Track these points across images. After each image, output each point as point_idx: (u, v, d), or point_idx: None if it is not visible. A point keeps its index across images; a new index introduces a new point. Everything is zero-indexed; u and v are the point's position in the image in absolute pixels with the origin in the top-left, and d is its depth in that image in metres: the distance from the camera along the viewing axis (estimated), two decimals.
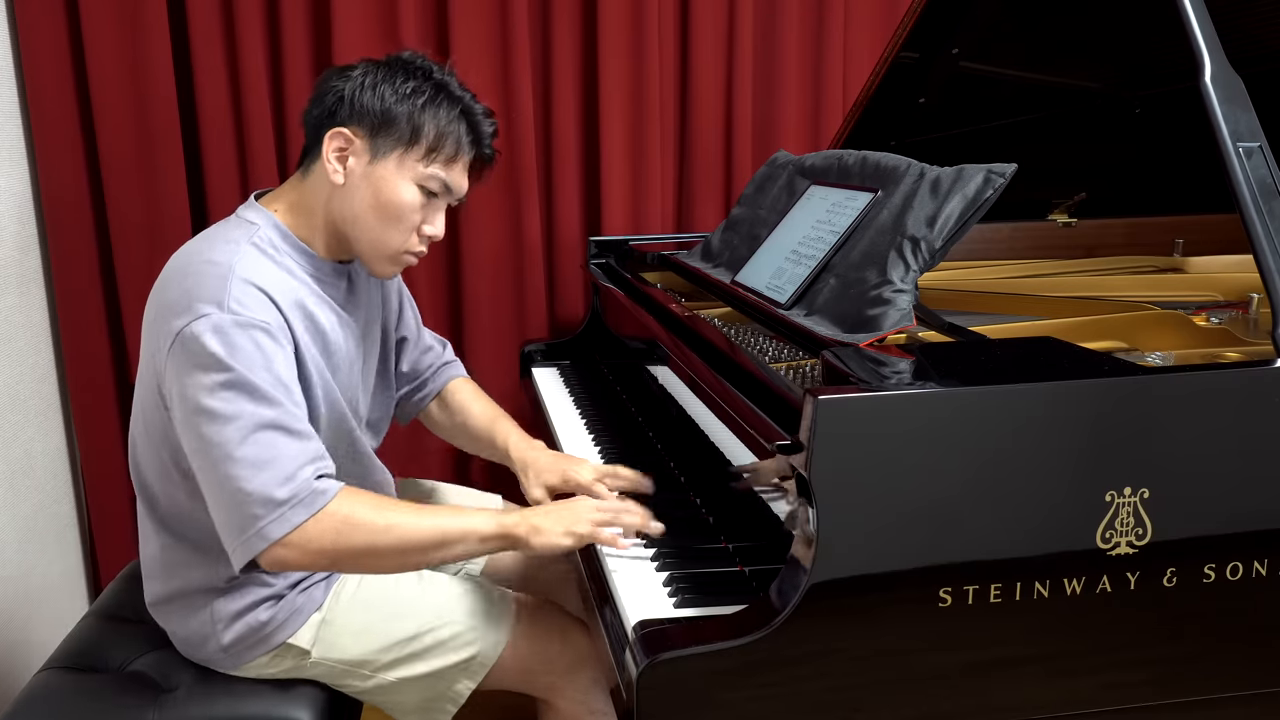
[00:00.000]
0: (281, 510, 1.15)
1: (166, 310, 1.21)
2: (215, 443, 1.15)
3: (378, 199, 1.29)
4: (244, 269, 1.22)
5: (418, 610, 1.39)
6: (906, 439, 1.00)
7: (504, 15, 2.19)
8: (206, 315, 1.16)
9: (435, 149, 1.29)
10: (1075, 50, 1.84)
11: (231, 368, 1.15)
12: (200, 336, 1.16)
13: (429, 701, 1.41)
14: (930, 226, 1.32)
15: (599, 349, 2.21)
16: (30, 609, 1.98)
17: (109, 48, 2.05)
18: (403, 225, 1.31)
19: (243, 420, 1.15)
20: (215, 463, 1.16)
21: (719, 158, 2.39)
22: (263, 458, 1.15)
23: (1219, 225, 1.96)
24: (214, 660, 1.37)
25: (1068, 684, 1.08)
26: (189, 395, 1.16)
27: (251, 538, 1.16)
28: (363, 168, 1.28)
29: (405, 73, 1.29)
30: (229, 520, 1.17)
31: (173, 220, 2.13)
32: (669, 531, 1.32)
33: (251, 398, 1.16)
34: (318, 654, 1.36)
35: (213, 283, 1.19)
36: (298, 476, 1.16)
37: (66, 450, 2.19)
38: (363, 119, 1.27)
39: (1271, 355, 1.14)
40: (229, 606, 1.32)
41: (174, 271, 1.27)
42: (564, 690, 1.44)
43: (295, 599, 1.35)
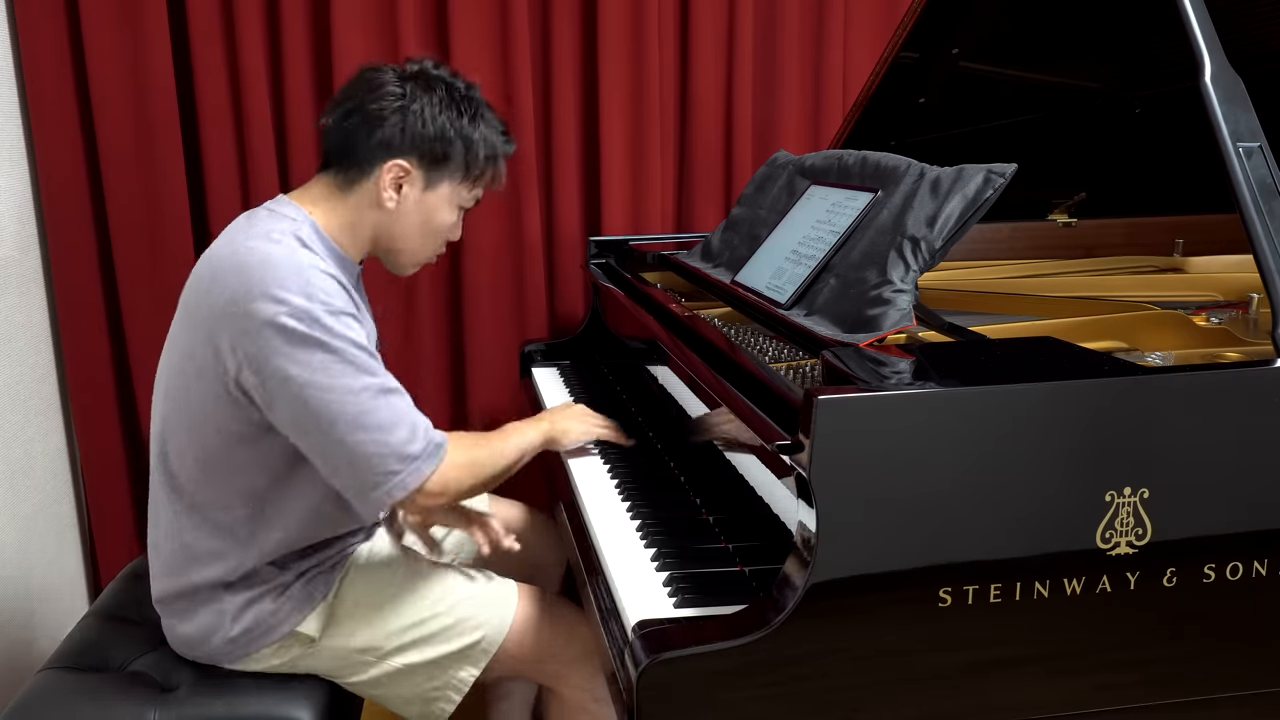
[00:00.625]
0: (416, 464, 1.28)
1: (240, 300, 1.24)
2: (343, 415, 1.24)
3: (427, 223, 1.43)
4: (309, 260, 1.29)
5: (422, 597, 1.44)
6: (906, 439, 1.00)
7: (504, 15, 2.19)
8: (298, 305, 1.23)
9: (479, 179, 1.45)
10: (1075, 50, 1.84)
11: (338, 348, 1.24)
12: (301, 325, 1.23)
13: (432, 690, 1.43)
14: (930, 226, 1.32)
15: (599, 349, 2.21)
16: (30, 609, 1.98)
17: (109, 48, 2.05)
18: (439, 239, 1.48)
19: (364, 392, 1.25)
20: (344, 433, 1.24)
21: (719, 158, 2.39)
22: (387, 421, 1.26)
23: (1219, 225, 1.96)
24: (218, 654, 1.38)
25: (1068, 684, 1.08)
26: (303, 377, 1.23)
27: (392, 489, 1.27)
28: (416, 194, 1.40)
29: (456, 107, 1.39)
30: (365, 479, 1.27)
31: (173, 220, 2.13)
32: (669, 531, 1.33)
33: (362, 370, 1.26)
34: (324, 642, 1.39)
35: (290, 273, 1.25)
36: (419, 431, 1.29)
37: (66, 450, 2.19)
38: (423, 153, 1.38)
39: (1271, 355, 1.14)
40: (239, 598, 1.36)
41: (226, 266, 1.29)
42: (569, 679, 1.47)
43: (303, 588, 1.39)
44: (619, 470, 1.56)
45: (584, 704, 1.47)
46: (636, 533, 1.33)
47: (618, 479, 1.53)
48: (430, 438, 1.31)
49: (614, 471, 1.56)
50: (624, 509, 1.42)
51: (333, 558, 1.44)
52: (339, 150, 1.39)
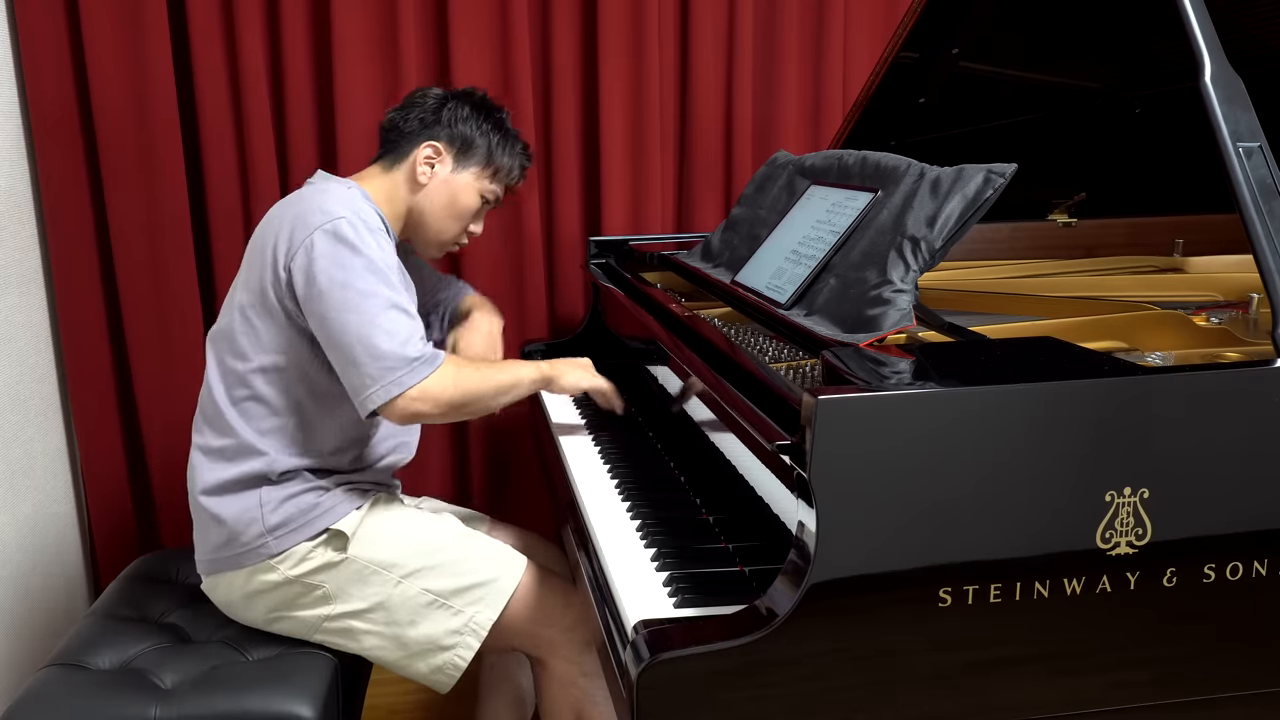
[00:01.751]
0: (414, 365, 1.43)
1: (297, 220, 1.47)
2: (359, 311, 1.42)
3: (452, 199, 1.66)
4: (360, 200, 1.52)
5: (448, 530, 1.58)
6: (906, 439, 1.00)
7: (504, 15, 2.19)
8: (344, 217, 1.45)
9: (498, 174, 1.69)
10: (1075, 50, 1.84)
11: (369, 257, 1.45)
12: (341, 229, 1.44)
13: (452, 636, 1.48)
14: (930, 226, 1.32)
15: (599, 349, 2.21)
16: (30, 609, 1.98)
17: (109, 48, 2.05)
18: (460, 223, 1.69)
19: (380, 298, 1.43)
20: (359, 327, 1.42)
21: (719, 158, 2.39)
22: (395, 328, 1.43)
23: (1219, 225, 1.96)
24: (255, 550, 1.47)
25: (1068, 684, 1.08)
26: (335, 275, 1.43)
27: (390, 384, 1.42)
28: (445, 174, 1.65)
29: (486, 113, 1.68)
30: (366, 372, 1.42)
31: (173, 220, 2.13)
32: (669, 531, 1.33)
33: (384, 282, 1.45)
34: (354, 549, 1.49)
35: (340, 203, 1.48)
36: (417, 343, 1.46)
37: (66, 450, 2.19)
38: (453, 140, 1.65)
39: (1271, 355, 1.14)
40: (278, 493, 1.49)
41: (290, 205, 1.52)
42: (560, 648, 1.54)
43: (340, 493, 1.53)
44: (619, 470, 1.56)
45: (573, 677, 1.53)
46: (636, 533, 1.33)
47: (618, 479, 1.53)
48: (428, 349, 1.46)
49: (614, 471, 1.56)
50: (624, 509, 1.42)
51: (366, 482, 1.58)
52: (390, 138, 1.66)
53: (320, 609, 1.48)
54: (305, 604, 1.48)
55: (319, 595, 1.48)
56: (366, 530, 1.51)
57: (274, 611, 1.50)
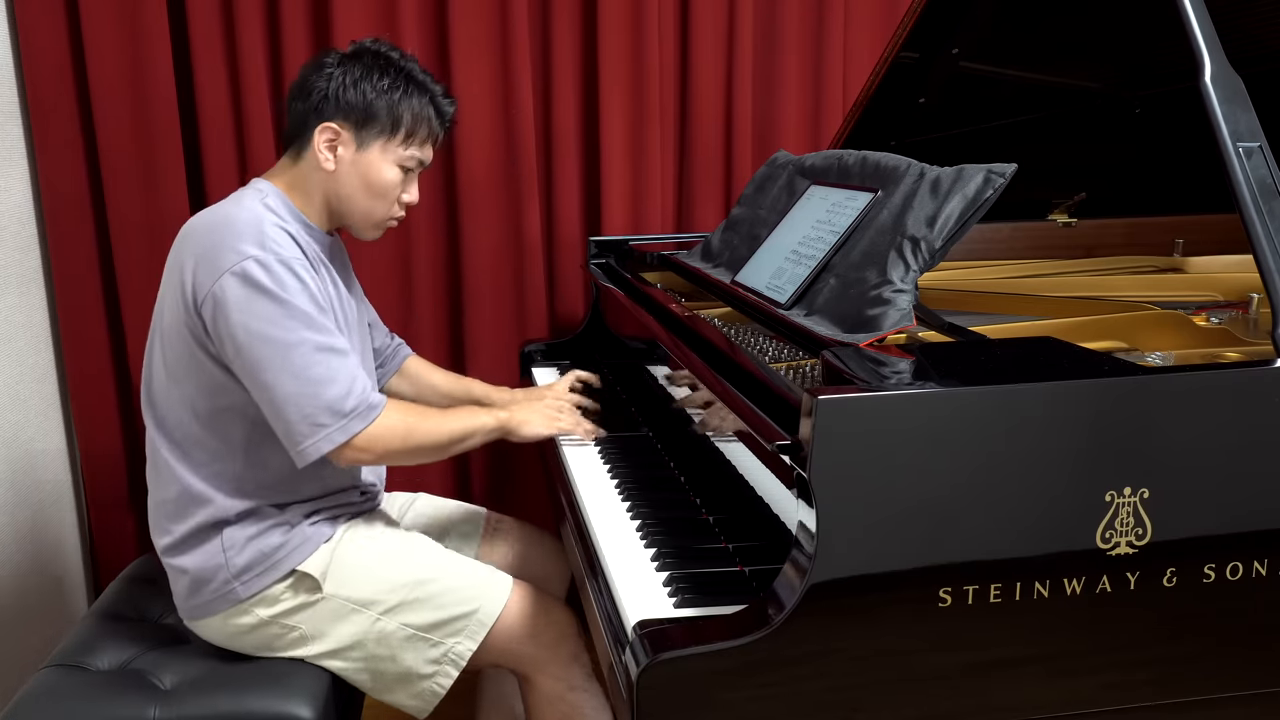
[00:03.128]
0: (346, 420, 1.35)
1: (206, 254, 1.35)
2: (282, 365, 1.32)
3: (366, 181, 1.48)
4: (270, 219, 1.39)
5: (425, 558, 1.50)
6: (906, 439, 1.00)
7: (504, 15, 2.19)
8: (253, 255, 1.33)
9: (412, 134, 1.49)
10: (1075, 50, 1.84)
11: (285, 300, 1.33)
12: (253, 273, 1.33)
13: (430, 664, 1.44)
14: (930, 226, 1.32)
15: (599, 349, 2.21)
16: (30, 609, 1.98)
17: (109, 48, 2.05)
18: (387, 199, 1.51)
19: (305, 345, 1.33)
20: (284, 383, 1.33)
21: (719, 158, 2.39)
22: (326, 376, 1.34)
23: (1219, 225, 1.96)
24: (224, 595, 1.41)
25: (1068, 684, 1.08)
26: (252, 326, 1.32)
27: (320, 441, 1.35)
28: (351, 155, 1.47)
29: (379, 68, 1.47)
30: (298, 429, 1.34)
31: (173, 220, 2.12)
32: (669, 531, 1.33)
33: (306, 325, 1.34)
34: (329, 588, 1.42)
35: (248, 229, 1.36)
36: (355, 390, 1.37)
37: (66, 450, 2.19)
38: (348, 114, 1.45)
39: (1271, 355, 1.14)
40: (240, 533, 1.42)
41: (200, 227, 1.41)
42: (546, 665, 1.49)
43: (306, 529, 1.45)
44: (619, 470, 1.56)
45: (560, 692, 1.49)
46: (636, 533, 1.33)
47: (618, 479, 1.53)
48: (365, 398, 1.37)
49: (614, 471, 1.56)
50: (624, 509, 1.42)
51: (333, 508, 1.50)
52: (290, 126, 1.50)
53: (298, 650, 1.44)
54: (282, 646, 1.44)
55: (295, 637, 1.44)
56: (339, 567, 1.44)
57: (256, 651, 1.46)
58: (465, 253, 2.28)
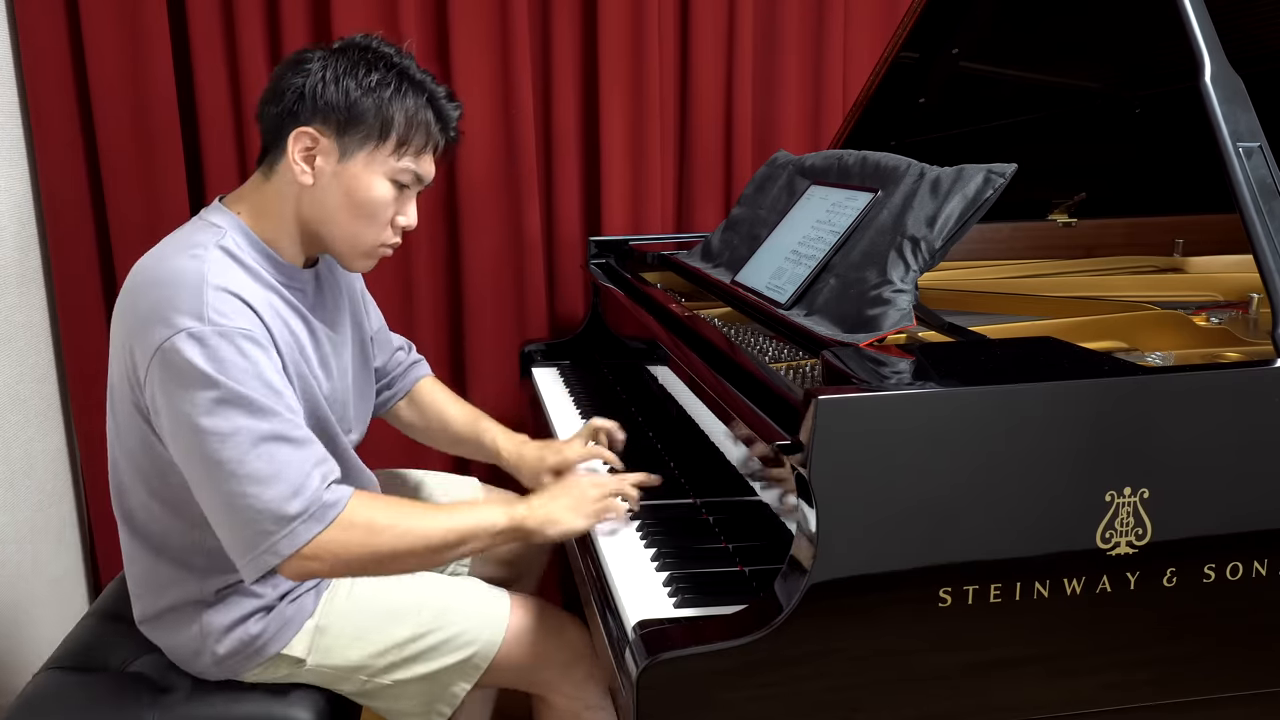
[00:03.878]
0: (293, 525, 1.13)
1: (141, 323, 1.17)
2: (216, 461, 1.12)
3: (350, 198, 1.25)
4: (216, 276, 1.17)
5: (412, 613, 1.38)
6: (906, 439, 1.00)
7: (504, 15, 2.19)
8: (186, 328, 1.12)
9: (405, 142, 1.25)
10: (1075, 50, 1.84)
11: (221, 383, 1.12)
12: (184, 351, 1.11)
13: (426, 704, 1.41)
14: (930, 226, 1.32)
15: (599, 349, 2.21)
16: (30, 609, 1.98)
17: (109, 48, 2.05)
18: (377, 221, 1.28)
19: (241, 436, 1.11)
20: (219, 481, 1.13)
21: (719, 158, 2.39)
22: (267, 472, 1.12)
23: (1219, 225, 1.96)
24: (208, 672, 1.35)
25: (1068, 684, 1.08)
26: (182, 413, 1.12)
27: (264, 554, 1.14)
28: (332, 166, 1.24)
29: (366, 63, 1.24)
30: (238, 537, 1.15)
31: (173, 220, 2.11)
32: (669, 531, 1.33)
33: (247, 411, 1.12)
34: (313, 662, 1.35)
35: (187, 292, 1.14)
36: (306, 488, 1.14)
37: (66, 450, 2.19)
38: (328, 116, 1.22)
39: (1271, 355, 1.14)
40: (219, 620, 1.30)
41: (141, 281, 1.21)
42: (560, 686, 1.44)
43: (286, 609, 1.33)
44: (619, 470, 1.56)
45: (576, 711, 1.44)
46: (636, 533, 1.33)
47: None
48: (318, 497, 1.14)
49: (614, 472, 1.56)
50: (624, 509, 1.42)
51: None
52: (263, 138, 1.28)
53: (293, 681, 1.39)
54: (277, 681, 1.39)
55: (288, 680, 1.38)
56: (324, 642, 1.34)
57: None
58: (465, 253, 2.27)
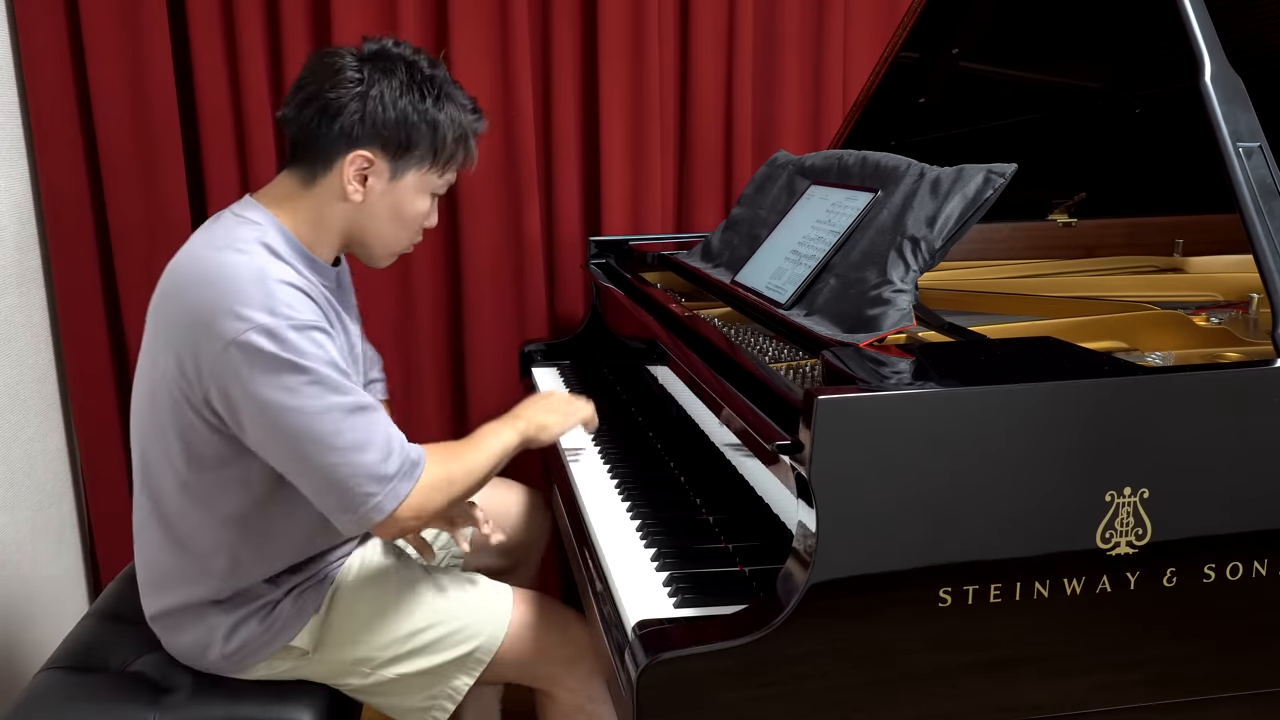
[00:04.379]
0: (392, 484, 1.24)
1: (204, 319, 1.21)
2: (313, 437, 1.20)
3: (398, 213, 1.36)
4: (275, 271, 1.24)
5: (415, 608, 1.42)
6: (906, 439, 1.00)
7: (504, 15, 2.19)
8: (261, 323, 1.19)
9: (450, 161, 1.37)
10: (1075, 50, 1.84)
11: (306, 367, 1.20)
12: (261, 344, 1.18)
13: (428, 699, 1.43)
14: (930, 226, 1.32)
15: (599, 349, 2.21)
16: (30, 609, 1.98)
17: (109, 48, 2.05)
18: (412, 229, 1.41)
19: (333, 412, 1.21)
20: (319, 455, 1.21)
21: (719, 158, 2.39)
22: (361, 441, 1.22)
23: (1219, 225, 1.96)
24: (215, 667, 1.38)
25: (1067, 684, 1.08)
26: (269, 399, 1.19)
27: (369, 511, 1.24)
28: (383, 185, 1.33)
29: (417, 86, 1.31)
30: (340, 501, 1.23)
31: (173, 220, 2.13)
32: (669, 531, 1.33)
33: (332, 389, 1.22)
34: (317, 655, 1.39)
35: (252, 288, 1.21)
36: (393, 450, 1.25)
37: (66, 450, 2.19)
38: (386, 142, 1.30)
39: (1271, 355, 1.14)
40: (228, 618, 1.35)
41: (191, 279, 1.25)
42: (563, 681, 1.46)
43: (293, 604, 1.38)
44: (619, 470, 1.56)
45: (580, 705, 1.46)
46: (636, 533, 1.33)
47: (618, 479, 1.53)
48: (406, 455, 1.26)
49: (614, 471, 1.56)
50: (624, 509, 1.42)
51: (324, 571, 1.43)
52: (300, 143, 1.32)
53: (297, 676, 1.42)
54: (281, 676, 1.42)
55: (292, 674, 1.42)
56: (330, 634, 1.40)
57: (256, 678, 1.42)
58: (465, 253, 2.27)
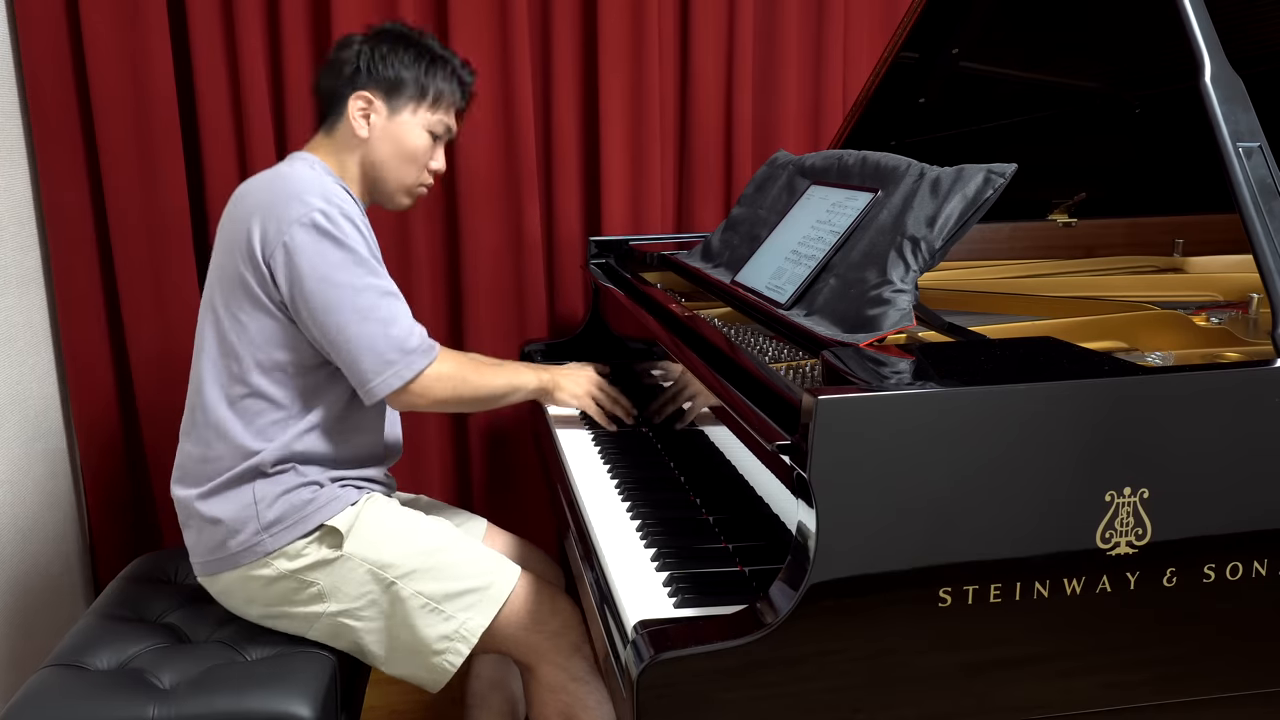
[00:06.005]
0: (412, 356, 1.47)
1: (272, 207, 1.44)
2: (353, 306, 1.43)
3: (399, 145, 1.61)
4: (327, 178, 1.51)
5: (442, 532, 1.56)
6: (906, 439, 1.00)
7: (504, 15, 2.19)
8: (320, 207, 1.43)
9: (438, 101, 1.62)
10: (1075, 50, 1.84)
11: (352, 248, 1.44)
12: (320, 222, 1.43)
13: (442, 639, 1.47)
14: (930, 226, 1.32)
15: (599, 349, 2.21)
16: (30, 609, 1.98)
17: (109, 48, 2.05)
18: (418, 163, 1.64)
19: (370, 290, 1.45)
20: (353, 323, 1.43)
21: (719, 158, 2.39)
22: (389, 317, 1.46)
23: (1219, 225, 1.96)
24: (251, 548, 1.46)
25: (1067, 684, 1.08)
26: (321, 272, 1.42)
27: (389, 377, 1.46)
28: (383, 122, 1.60)
29: (405, 43, 1.60)
30: (369, 365, 1.45)
31: (173, 220, 2.13)
32: (669, 531, 1.33)
33: (371, 271, 1.46)
34: (349, 546, 1.48)
35: (313, 185, 1.46)
36: (415, 330, 1.49)
37: (66, 450, 2.19)
38: (380, 84, 1.58)
39: (1271, 355, 1.14)
40: (272, 488, 1.48)
41: (258, 187, 1.50)
42: (548, 654, 1.53)
43: (335, 489, 1.52)
44: (619, 470, 1.56)
45: (562, 682, 1.52)
46: (636, 533, 1.33)
47: (618, 479, 1.53)
48: (425, 338, 1.50)
49: (614, 471, 1.56)
50: (624, 509, 1.42)
51: (360, 479, 1.57)
52: (321, 101, 1.63)
53: (313, 606, 1.48)
54: (299, 601, 1.48)
55: (313, 593, 1.47)
56: (361, 528, 1.50)
57: (270, 608, 1.50)
58: (465, 252, 2.28)
